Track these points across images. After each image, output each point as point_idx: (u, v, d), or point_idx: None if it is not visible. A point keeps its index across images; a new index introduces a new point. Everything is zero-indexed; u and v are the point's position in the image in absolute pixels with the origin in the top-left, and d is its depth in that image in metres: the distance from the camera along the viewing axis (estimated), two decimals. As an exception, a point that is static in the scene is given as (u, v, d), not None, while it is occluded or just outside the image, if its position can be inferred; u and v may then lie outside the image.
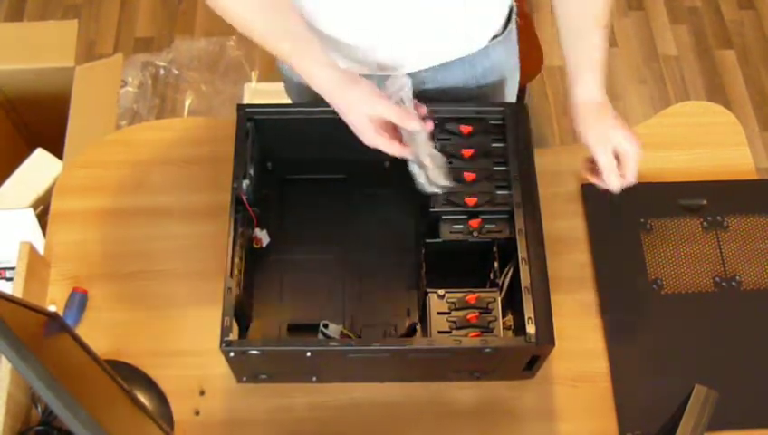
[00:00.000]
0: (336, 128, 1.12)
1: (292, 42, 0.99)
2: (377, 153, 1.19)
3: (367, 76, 1.02)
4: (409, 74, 1.05)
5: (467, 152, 1.09)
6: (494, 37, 1.17)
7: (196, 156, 1.27)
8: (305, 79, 1.00)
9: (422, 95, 1.12)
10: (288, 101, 1.35)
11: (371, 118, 0.97)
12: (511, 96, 1.31)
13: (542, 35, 1.87)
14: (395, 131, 1.00)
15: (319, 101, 1.02)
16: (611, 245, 1.20)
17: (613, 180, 1.02)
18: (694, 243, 1.20)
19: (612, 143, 1.02)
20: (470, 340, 0.99)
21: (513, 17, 1.19)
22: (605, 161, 1.02)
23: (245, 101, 2.15)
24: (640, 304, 1.16)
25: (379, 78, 1.07)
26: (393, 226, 1.18)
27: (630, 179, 1.03)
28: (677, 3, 2.49)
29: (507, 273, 1.05)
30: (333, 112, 1.12)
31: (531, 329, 0.97)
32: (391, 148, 0.99)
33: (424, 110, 1.03)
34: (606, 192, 1.05)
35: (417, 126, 0.98)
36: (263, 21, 0.99)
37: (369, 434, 1.08)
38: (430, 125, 1.02)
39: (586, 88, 1.04)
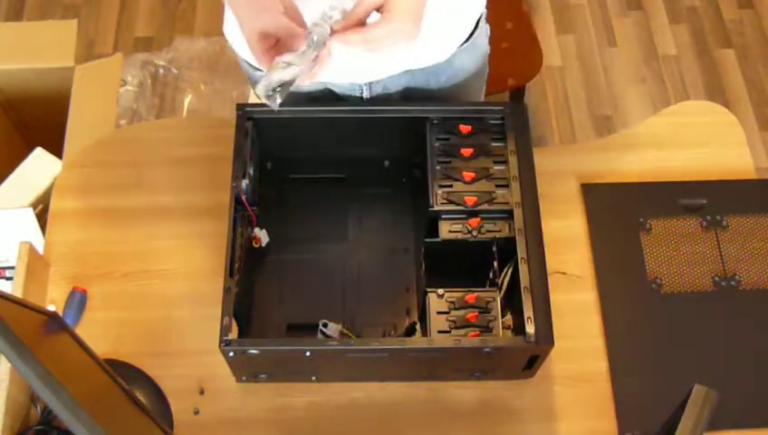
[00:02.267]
0: (336, 127, 1.13)
1: None
2: (377, 153, 1.20)
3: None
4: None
5: (467, 152, 1.09)
6: (460, 45, 1.14)
7: (195, 156, 1.27)
8: None
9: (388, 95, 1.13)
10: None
11: (261, 32, 0.85)
12: (476, 97, 1.28)
13: (541, 35, 1.87)
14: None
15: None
16: (611, 244, 1.20)
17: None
18: (693, 243, 1.21)
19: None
20: (470, 340, 0.99)
21: (482, 24, 1.16)
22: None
23: (251, 98, 2.14)
24: (640, 304, 1.16)
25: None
26: (393, 225, 1.18)
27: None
28: (677, 2, 2.49)
29: (507, 272, 1.05)
30: (333, 112, 1.13)
31: (530, 329, 0.97)
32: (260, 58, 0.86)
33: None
34: None
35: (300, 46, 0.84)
36: None
37: (369, 434, 1.08)
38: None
39: None
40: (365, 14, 0.87)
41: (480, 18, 1.15)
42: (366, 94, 1.15)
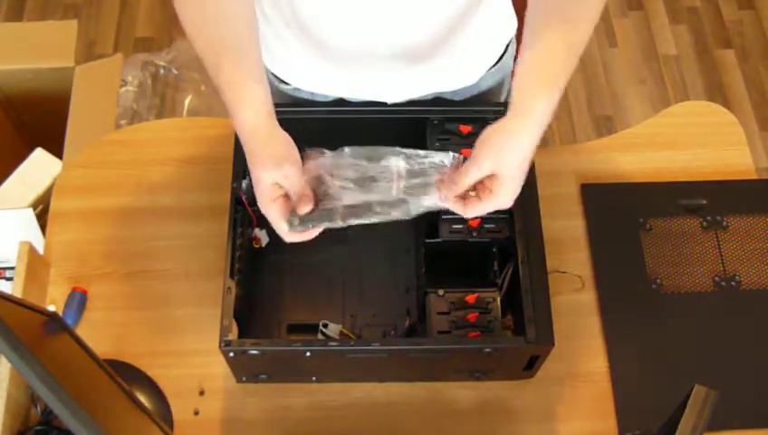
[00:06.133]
0: (336, 128, 1.12)
1: (232, 60, 0.86)
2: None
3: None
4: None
5: (467, 152, 1.08)
6: (489, 69, 1.15)
7: (196, 156, 1.27)
8: (229, 112, 0.87)
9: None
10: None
11: (275, 181, 0.86)
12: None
13: (541, 35, 1.87)
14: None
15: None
16: (611, 245, 1.20)
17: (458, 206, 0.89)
18: (694, 243, 1.20)
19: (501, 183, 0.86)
20: (470, 340, 0.99)
21: (511, 47, 1.17)
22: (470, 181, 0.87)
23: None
24: (640, 304, 1.16)
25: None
26: (393, 225, 1.18)
27: (467, 214, 0.89)
28: (677, 3, 2.50)
29: (507, 273, 1.05)
30: (333, 112, 1.13)
31: (530, 329, 0.97)
32: (277, 224, 0.87)
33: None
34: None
35: (305, 209, 0.86)
36: (209, 27, 0.87)
37: (369, 434, 1.08)
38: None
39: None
40: (469, 186, 0.88)
41: (510, 42, 1.16)
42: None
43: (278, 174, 0.85)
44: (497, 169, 0.86)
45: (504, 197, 0.87)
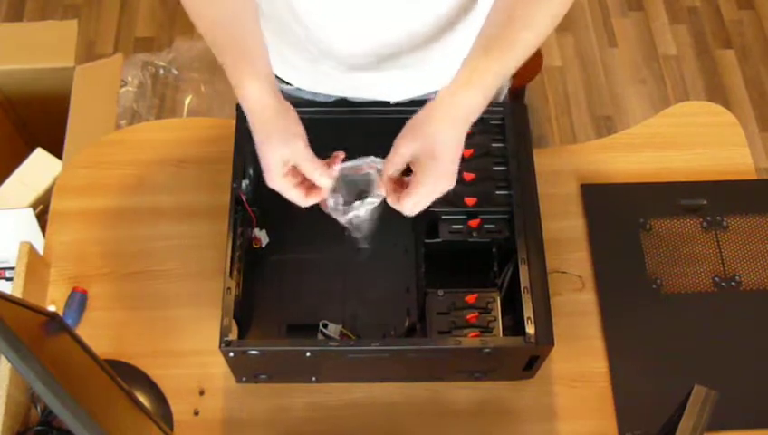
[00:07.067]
0: (336, 128, 1.13)
1: (234, 37, 0.88)
2: (377, 153, 1.19)
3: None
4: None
5: (467, 152, 1.08)
6: None
7: (196, 156, 1.27)
8: (233, 86, 0.88)
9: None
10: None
11: (284, 160, 0.87)
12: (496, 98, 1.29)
13: (541, 35, 1.87)
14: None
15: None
16: (611, 245, 1.20)
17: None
18: (694, 243, 1.20)
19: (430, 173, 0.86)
20: (470, 340, 0.99)
21: None
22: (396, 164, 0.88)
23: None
24: (640, 304, 1.16)
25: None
26: (393, 226, 1.18)
27: (405, 209, 0.90)
28: (677, 3, 2.50)
29: (507, 273, 1.05)
30: (333, 113, 1.13)
31: (530, 329, 0.97)
32: (293, 195, 0.89)
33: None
34: None
35: (326, 183, 0.89)
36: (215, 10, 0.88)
37: (369, 434, 1.08)
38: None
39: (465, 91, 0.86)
40: (395, 173, 0.90)
41: None
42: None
43: (286, 150, 0.87)
44: (416, 152, 0.87)
45: (424, 180, 0.87)
